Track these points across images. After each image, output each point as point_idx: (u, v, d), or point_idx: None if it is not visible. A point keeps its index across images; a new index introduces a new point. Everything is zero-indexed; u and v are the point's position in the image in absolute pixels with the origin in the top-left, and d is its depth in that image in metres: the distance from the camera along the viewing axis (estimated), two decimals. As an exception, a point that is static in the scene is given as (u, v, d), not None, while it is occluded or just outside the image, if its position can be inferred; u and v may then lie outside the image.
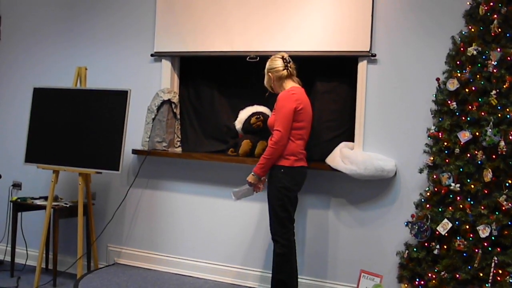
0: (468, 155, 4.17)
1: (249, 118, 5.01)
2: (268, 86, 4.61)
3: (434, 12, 4.51)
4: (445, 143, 4.28)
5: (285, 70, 4.50)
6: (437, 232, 4.21)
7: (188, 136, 5.45)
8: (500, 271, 3.99)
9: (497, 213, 4.03)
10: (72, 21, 5.84)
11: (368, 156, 4.62)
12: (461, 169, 4.19)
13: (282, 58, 4.54)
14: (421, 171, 4.41)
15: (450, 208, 4.21)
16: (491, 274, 3.99)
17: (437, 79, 4.40)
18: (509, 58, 4.07)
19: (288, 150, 4.40)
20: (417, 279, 4.32)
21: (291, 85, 4.50)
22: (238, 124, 5.08)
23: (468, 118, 4.19)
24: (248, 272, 5.15)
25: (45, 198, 5.47)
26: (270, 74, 4.54)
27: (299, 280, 4.67)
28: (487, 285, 4.00)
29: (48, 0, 5.99)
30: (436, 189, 4.29)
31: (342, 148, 4.73)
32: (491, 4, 4.15)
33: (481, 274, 4.04)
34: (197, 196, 5.35)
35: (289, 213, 4.47)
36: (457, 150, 4.21)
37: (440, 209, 4.26)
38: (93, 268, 5.49)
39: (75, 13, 5.82)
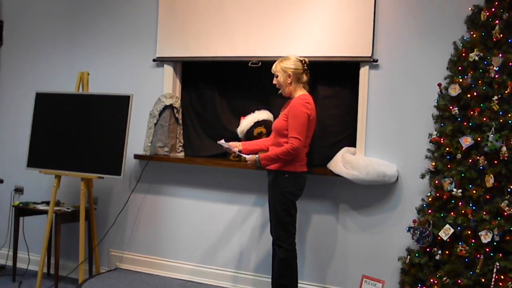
0: (470, 160, 4.17)
1: (251, 129, 4.98)
2: (285, 85, 4.46)
3: (436, 18, 4.51)
4: (447, 149, 4.28)
5: (305, 75, 4.48)
6: (439, 238, 4.21)
7: (191, 141, 5.46)
8: (502, 277, 3.99)
9: (499, 218, 4.03)
10: (74, 26, 5.85)
11: (370, 161, 4.62)
12: (463, 175, 4.19)
13: (303, 61, 4.47)
14: (423, 176, 4.42)
15: (452, 213, 4.21)
16: (493, 279, 3.99)
17: (439, 85, 4.41)
18: (510, 64, 4.08)
19: (296, 156, 4.40)
20: (419, 285, 4.31)
21: (302, 91, 4.48)
22: (240, 134, 5.05)
23: (470, 124, 4.19)
24: (250, 277, 5.15)
25: (47, 203, 5.46)
26: (290, 72, 4.41)
27: (300, 285, 4.67)
28: (489, 290, 4.00)
29: (51, 6, 6.00)
30: (438, 195, 4.29)
31: (344, 153, 4.74)
32: (493, 9, 4.16)
33: (483, 280, 4.04)
34: (199, 201, 5.35)
35: (292, 218, 4.46)
36: (459, 156, 4.22)
37: (442, 215, 4.26)
38: (95, 273, 5.48)
39: (77, 18, 5.84)
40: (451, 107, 4.28)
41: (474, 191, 4.14)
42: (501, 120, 4.07)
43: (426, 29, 4.55)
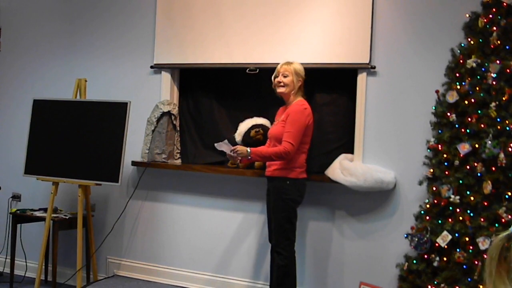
0: (468, 167, 4.17)
1: (248, 131, 4.99)
2: (293, 87, 4.49)
3: (434, 25, 4.52)
4: (445, 155, 4.28)
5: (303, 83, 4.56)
6: (436, 244, 4.21)
7: (188, 148, 5.45)
8: (500, 284, 3.98)
9: (496, 225, 4.03)
10: (72, 33, 5.86)
11: (367, 168, 4.62)
12: (460, 181, 4.18)
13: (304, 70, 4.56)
14: (420, 183, 4.41)
15: (450, 220, 4.21)
16: (491, 286, 3.99)
17: (437, 91, 4.41)
18: (508, 70, 4.08)
19: (297, 162, 4.41)
20: (417, 291, 4.32)
21: (301, 97, 4.51)
22: (238, 136, 5.05)
23: (468, 130, 4.19)
24: (247, 284, 5.14)
25: (45, 210, 5.45)
26: (300, 79, 4.51)
27: (298, 292, 4.67)
28: (487, 297, 3.99)
29: (48, 12, 6.01)
30: (435, 201, 4.29)
31: (342, 160, 4.73)
32: (490, 16, 4.17)
33: (481, 287, 4.03)
34: (196, 208, 5.35)
35: (293, 225, 4.47)
36: (456, 162, 4.21)
37: (439, 221, 4.26)
38: (92, 280, 5.47)
39: (75, 26, 5.84)
40: (448, 114, 4.28)
41: (472, 198, 4.14)
42: (498, 127, 4.07)
43: (424, 35, 4.55)
